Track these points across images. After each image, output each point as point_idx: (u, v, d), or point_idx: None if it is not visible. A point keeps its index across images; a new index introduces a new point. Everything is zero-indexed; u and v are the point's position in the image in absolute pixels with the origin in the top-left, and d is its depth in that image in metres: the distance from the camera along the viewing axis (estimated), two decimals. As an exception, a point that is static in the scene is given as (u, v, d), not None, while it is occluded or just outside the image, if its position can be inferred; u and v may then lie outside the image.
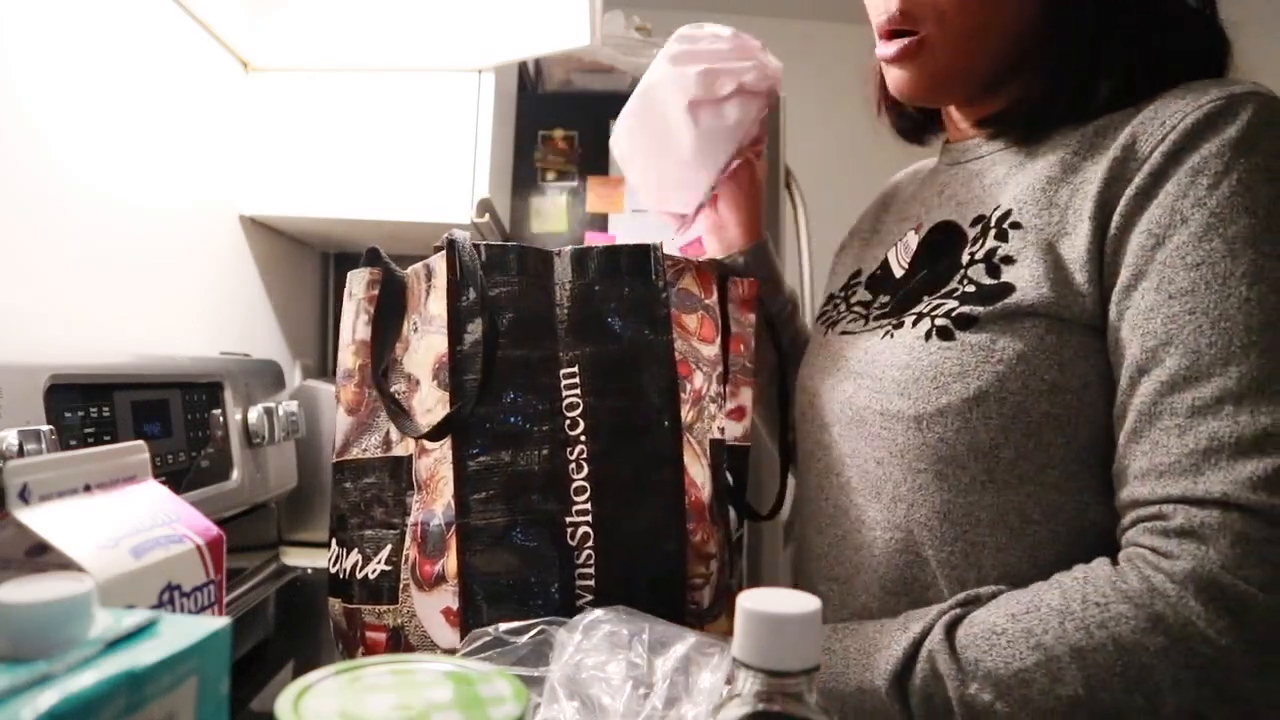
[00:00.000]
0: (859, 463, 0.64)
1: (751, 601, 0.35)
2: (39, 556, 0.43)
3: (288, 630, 0.97)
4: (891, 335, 0.64)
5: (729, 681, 0.37)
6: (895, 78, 0.67)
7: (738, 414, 0.71)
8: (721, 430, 0.68)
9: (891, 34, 0.65)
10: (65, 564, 0.40)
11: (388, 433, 0.65)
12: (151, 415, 0.80)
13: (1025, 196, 0.61)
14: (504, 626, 0.55)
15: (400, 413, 0.63)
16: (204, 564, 0.47)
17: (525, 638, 0.54)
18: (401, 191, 1.25)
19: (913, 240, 0.71)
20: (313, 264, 1.53)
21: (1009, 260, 0.59)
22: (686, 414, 0.65)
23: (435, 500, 0.61)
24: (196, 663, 0.31)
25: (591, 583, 0.60)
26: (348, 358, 0.67)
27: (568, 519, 0.60)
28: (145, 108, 1.00)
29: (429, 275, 0.66)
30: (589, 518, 0.60)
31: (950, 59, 0.64)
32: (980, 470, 0.57)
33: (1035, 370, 0.56)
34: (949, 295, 0.61)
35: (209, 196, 1.17)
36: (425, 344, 0.64)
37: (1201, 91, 0.56)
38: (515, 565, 0.59)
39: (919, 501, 0.60)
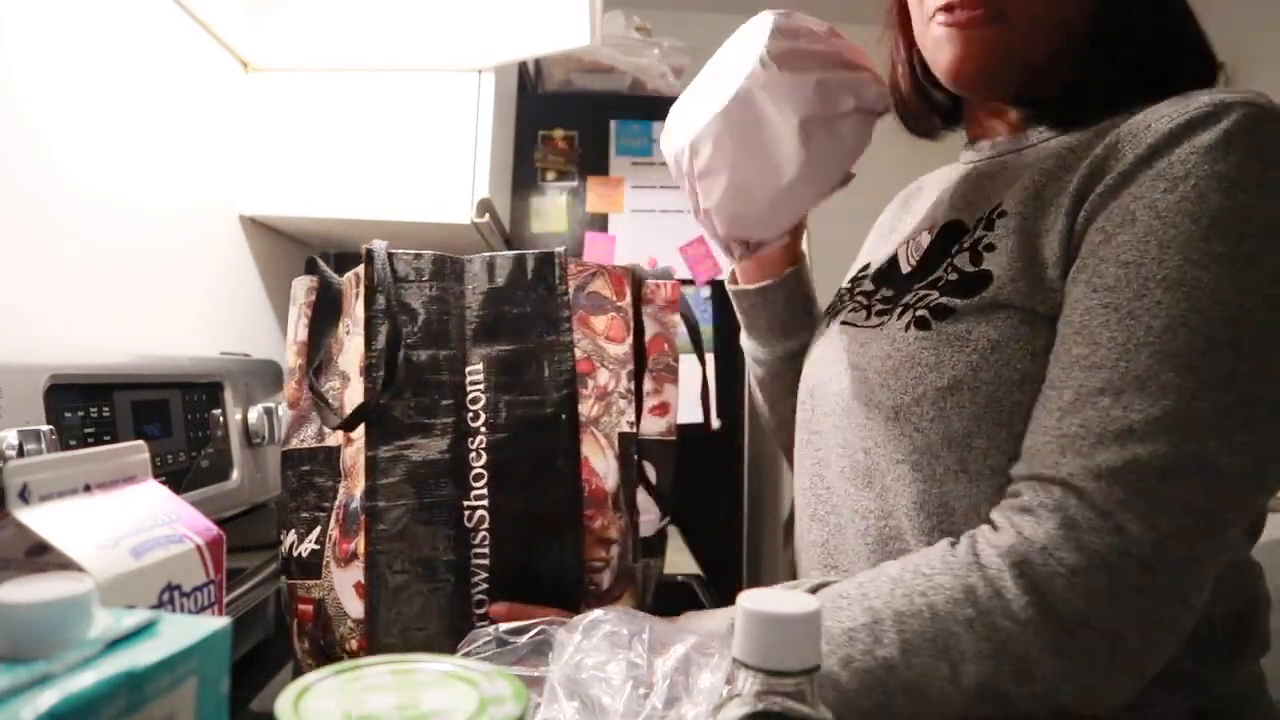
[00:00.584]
0: (850, 453, 0.65)
1: (751, 601, 0.35)
2: (39, 556, 0.43)
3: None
4: (880, 327, 0.65)
5: (729, 681, 0.37)
6: (955, 52, 0.64)
7: (660, 410, 0.77)
8: (632, 424, 0.73)
9: (959, 4, 0.62)
10: (65, 564, 0.40)
11: (320, 425, 0.72)
12: (151, 415, 0.80)
13: (1019, 190, 0.61)
14: (503, 626, 0.55)
15: (325, 406, 0.69)
16: (204, 564, 0.47)
17: (525, 638, 0.55)
18: (401, 191, 1.25)
19: (925, 240, 0.71)
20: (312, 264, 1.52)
21: (990, 247, 0.60)
22: (591, 409, 0.70)
23: (355, 485, 0.67)
24: (196, 663, 0.31)
25: (487, 561, 0.65)
26: (291, 357, 0.74)
27: (466, 503, 0.66)
28: (145, 108, 1.00)
29: (357, 282, 0.71)
30: (485, 502, 0.66)
31: (1022, 43, 0.63)
32: (954, 460, 0.58)
33: (1008, 360, 0.56)
34: (933, 285, 0.62)
35: (209, 196, 1.17)
36: (353, 344, 0.70)
37: (1192, 98, 0.55)
38: (416, 544, 0.65)
39: (901, 491, 0.60)
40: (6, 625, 0.29)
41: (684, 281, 1.73)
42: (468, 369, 0.68)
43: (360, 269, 0.70)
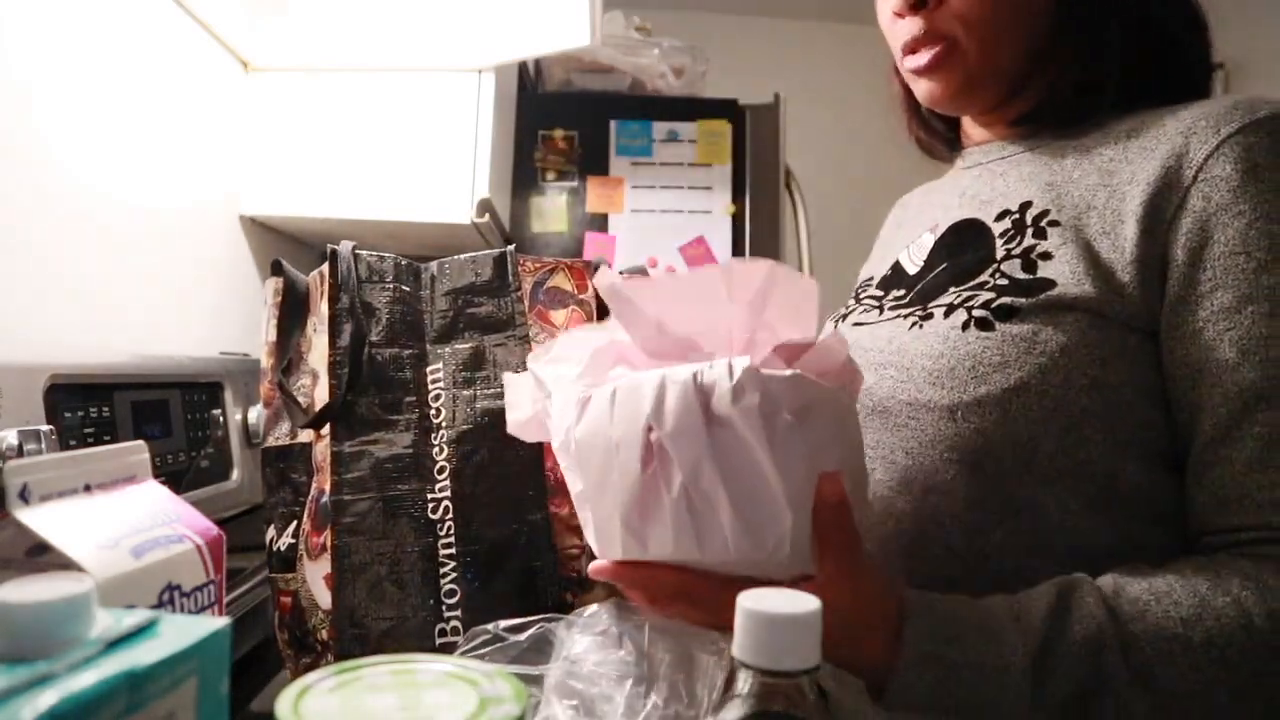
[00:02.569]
0: (884, 454, 0.63)
1: (751, 601, 0.35)
2: (39, 556, 0.43)
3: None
4: (920, 325, 0.63)
5: (729, 680, 0.37)
6: (928, 87, 0.68)
7: None
8: None
9: (917, 47, 0.66)
10: (65, 564, 0.40)
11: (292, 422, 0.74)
12: (151, 415, 0.80)
13: (1060, 196, 0.62)
14: (503, 624, 0.56)
15: (293, 405, 0.71)
16: (204, 564, 0.47)
17: (524, 635, 0.55)
18: (401, 191, 1.25)
19: (928, 240, 0.71)
20: (313, 264, 1.52)
21: (1046, 256, 0.59)
22: None
23: (326, 480, 0.68)
24: (196, 663, 0.31)
25: (453, 550, 0.67)
26: (264, 358, 0.76)
27: (430, 495, 0.67)
28: (145, 108, 1.00)
29: (322, 281, 0.73)
30: (448, 493, 0.67)
31: (980, 61, 0.65)
32: (1017, 462, 0.57)
33: (1077, 364, 0.56)
34: (980, 287, 0.61)
35: (209, 196, 1.17)
36: (320, 342, 0.72)
37: (1255, 105, 0.57)
38: (381, 536, 0.66)
39: (951, 492, 0.59)
40: (6, 625, 0.29)
41: (684, 281, 1.73)
42: (428, 368, 0.71)
43: (325, 267, 0.71)
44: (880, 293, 0.73)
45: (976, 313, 0.60)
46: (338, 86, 1.26)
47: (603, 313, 0.77)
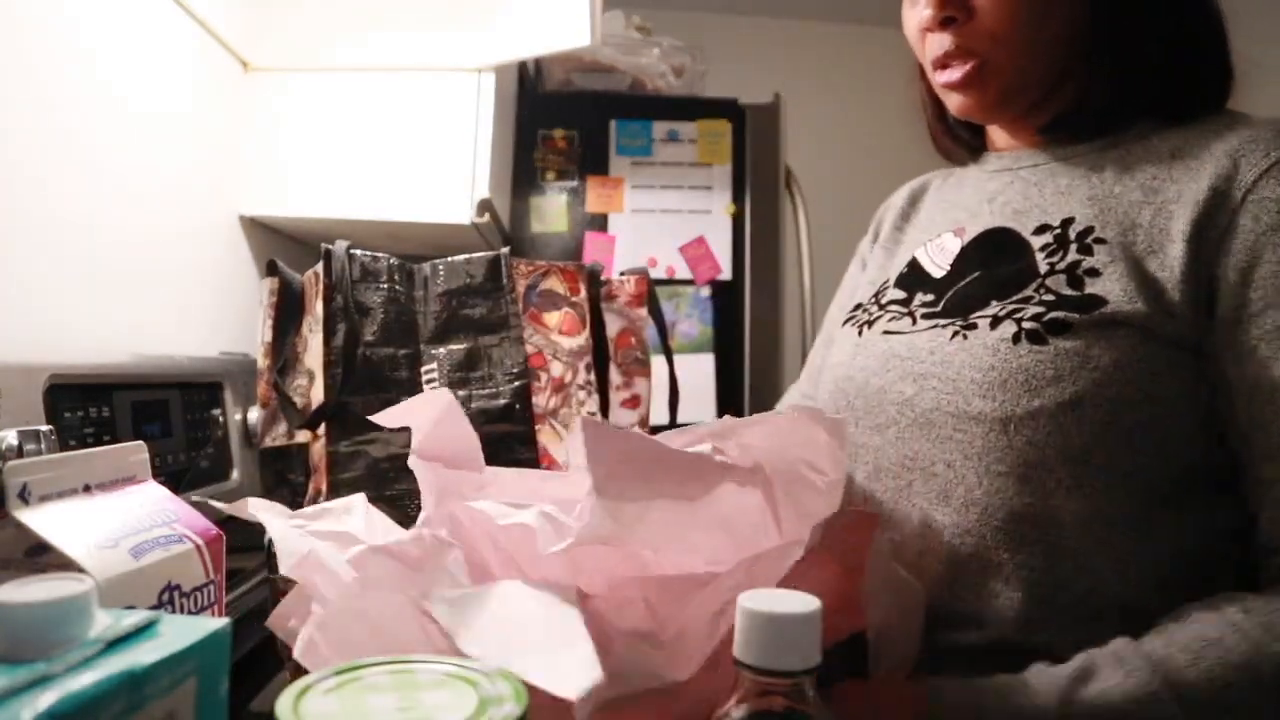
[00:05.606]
0: (924, 465, 0.63)
1: (752, 601, 0.35)
2: (39, 556, 0.43)
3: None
4: (964, 336, 0.63)
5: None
6: (960, 101, 0.69)
7: (632, 403, 0.80)
8: (593, 414, 0.76)
9: (948, 62, 0.66)
10: (65, 564, 0.40)
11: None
12: (151, 415, 0.80)
13: (1103, 212, 0.62)
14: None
15: (288, 405, 0.71)
16: (204, 564, 0.47)
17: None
18: (401, 191, 1.25)
19: (951, 242, 0.70)
20: (313, 264, 1.52)
21: (1093, 273, 0.60)
22: (547, 400, 0.74)
23: (323, 481, 0.68)
24: (196, 663, 0.31)
25: None
26: (260, 359, 0.76)
27: None
28: (145, 107, 1.00)
29: (317, 280, 0.73)
30: None
31: (1011, 74, 0.66)
32: (1068, 475, 0.57)
33: (1130, 379, 0.57)
34: (1026, 301, 0.61)
35: (208, 196, 1.17)
36: (315, 342, 0.72)
37: (1267, 124, 0.58)
38: None
39: (997, 505, 0.59)
40: (6, 625, 0.29)
41: (684, 281, 1.74)
42: (423, 368, 0.71)
43: (319, 267, 0.71)
44: (902, 294, 0.71)
45: (1027, 325, 0.59)
46: (337, 86, 1.26)
47: (597, 316, 0.77)
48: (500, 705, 0.30)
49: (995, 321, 0.61)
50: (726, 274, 1.74)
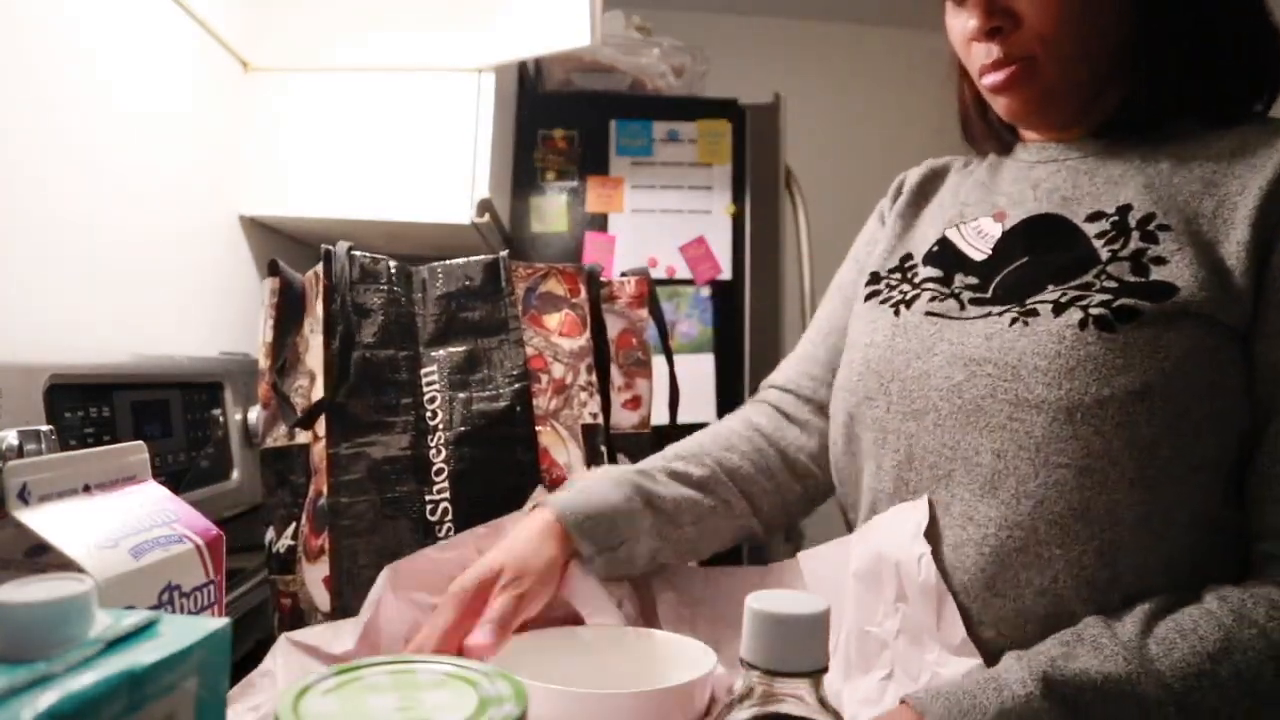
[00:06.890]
0: (967, 455, 0.61)
1: (758, 602, 0.35)
2: (39, 556, 0.43)
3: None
4: (1025, 323, 0.61)
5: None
6: (1007, 103, 0.68)
7: (633, 404, 0.80)
8: (596, 416, 0.75)
9: (997, 67, 0.66)
10: (65, 564, 0.40)
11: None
12: (151, 415, 0.80)
13: (1163, 200, 0.62)
14: None
15: (285, 405, 0.71)
16: (204, 564, 0.47)
17: None
18: (401, 191, 1.25)
19: (991, 226, 0.69)
20: (312, 264, 1.52)
21: (1159, 260, 0.59)
22: (548, 402, 0.73)
23: (323, 482, 0.68)
24: (196, 663, 0.31)
25: None
26: (261, 359, 0.76)
27: (428, 497, 0.68)
28: (145, 107, 1.00)
29: (317, 281, 0.73)
30: (447, 495, 0.68)
31: (1058, 77, 0.65)
32: (1133, 467, 0.56)
33: (1198, 368, 0.56)
34: (1087, 288, 0.60)
35: (208, 196, 1.17)
36: (316, 342, 0.72)
37: None
38: (380, 538, 0.66)
39: (1052, 498, 0.57)
40: (6, 625, 0.29)
41: (684, 281, 1.74)
42: (422, 370, 0.71)
43: (320, 268, 0.71)
44: (938, 273, 0.69)
45: (1095, 311, 0.58)
46: (337, 86, 1.26)
47: (597, 318, 0.77)
48: (500, 705, 0.30)
49: (1058, 308, 0.60)
50: (726, 274, 1.74)
